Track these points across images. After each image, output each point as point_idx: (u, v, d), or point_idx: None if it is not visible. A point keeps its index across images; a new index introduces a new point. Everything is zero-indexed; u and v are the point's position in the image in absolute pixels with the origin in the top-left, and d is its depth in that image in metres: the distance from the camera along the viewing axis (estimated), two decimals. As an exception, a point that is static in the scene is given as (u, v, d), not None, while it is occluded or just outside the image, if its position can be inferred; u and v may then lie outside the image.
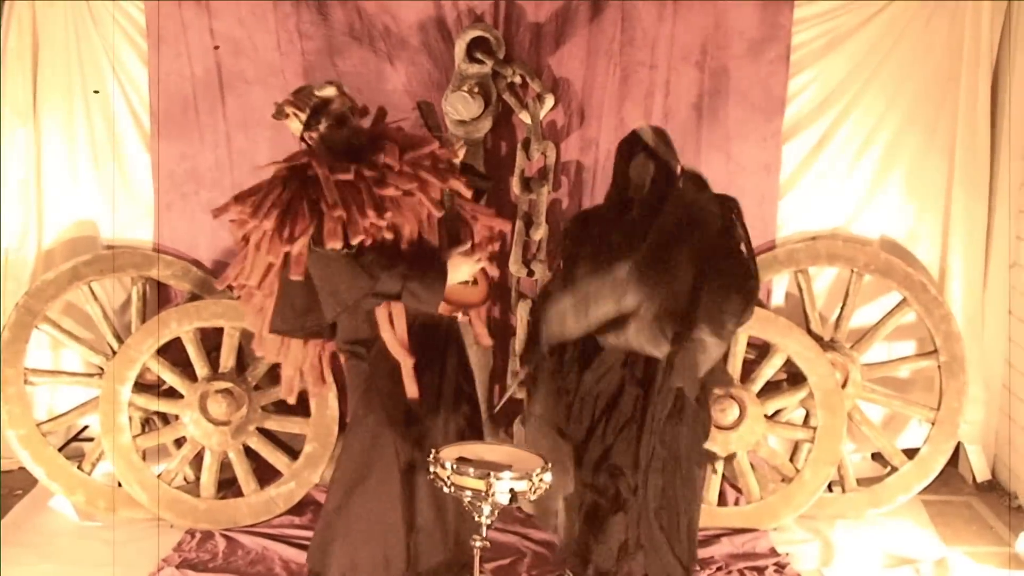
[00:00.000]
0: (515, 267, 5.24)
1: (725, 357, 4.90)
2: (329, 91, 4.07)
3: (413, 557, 4.22)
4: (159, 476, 5.17)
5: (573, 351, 4.24)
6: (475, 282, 4.19)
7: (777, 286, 5.56)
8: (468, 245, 4.18)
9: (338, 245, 3.87)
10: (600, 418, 4.21)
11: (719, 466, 5.13)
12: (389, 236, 4.00)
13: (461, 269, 4.11)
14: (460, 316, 4.25)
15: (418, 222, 4.08)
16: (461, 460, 3.84)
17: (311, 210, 3.94)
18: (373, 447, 4.13)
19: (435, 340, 4.23)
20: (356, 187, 3.97)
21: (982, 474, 5.69)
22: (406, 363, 4.08)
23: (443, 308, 4.09)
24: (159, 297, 5.53)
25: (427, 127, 4.14)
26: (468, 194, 4.23)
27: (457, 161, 4.27)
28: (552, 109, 5.26)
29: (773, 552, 4.97)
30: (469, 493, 3.77)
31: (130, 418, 5.17)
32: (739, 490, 5.34)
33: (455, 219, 4.19)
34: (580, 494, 4.28)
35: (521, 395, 4.93)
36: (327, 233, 3.88)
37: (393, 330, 4.08)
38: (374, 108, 5.21)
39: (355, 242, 3.90)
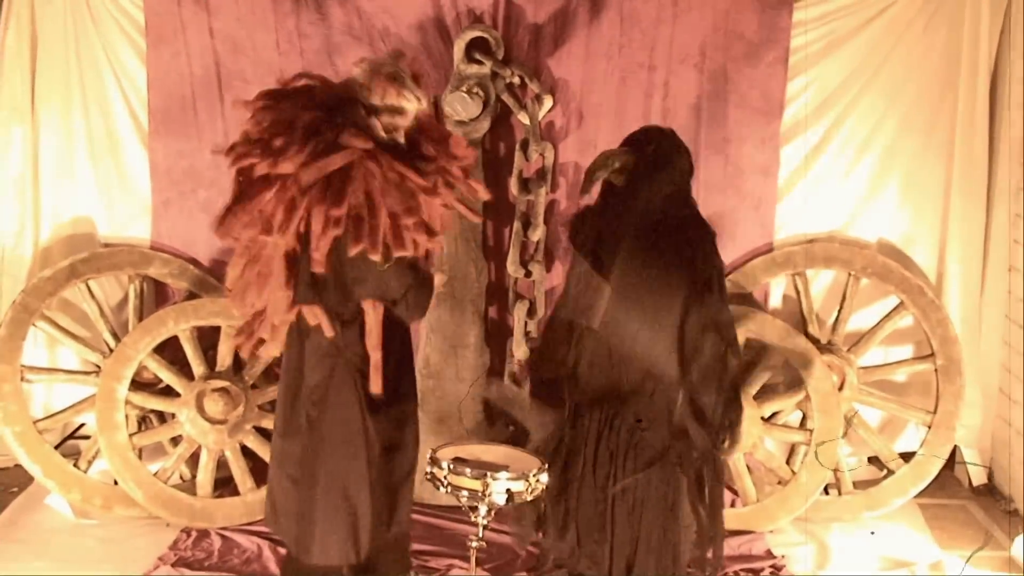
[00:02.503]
0: (512, 268, 5.24)
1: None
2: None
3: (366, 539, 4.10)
4: (155, 474, 5.16)
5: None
6: None
7: (774, 288, 5.57)
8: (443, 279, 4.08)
9: (377, 256, 3.66)
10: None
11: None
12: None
13: (437, 284, 4.02)
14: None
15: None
16: (457, 460, 3.84)
17: (365, 209, 3.64)
18: (344, 428, 3.99)
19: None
20: (411, 192, 3.75)
21: (978, 478, 5.70)
22: (375, 358, 3.92)
23: None
24: (156, 295, 5.53)
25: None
26: (486, 196, 4.16)
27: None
28: (551, 110, 5.26)
29: (769, 554, 4.98)
30: (466, 493, 3.78)
31: (126, 416, 5.16)
32: (736, 492, 5.33)
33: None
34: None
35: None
36: (369, 242, 3.62)
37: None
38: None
39: (397, 254, 3.70)
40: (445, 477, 3.81)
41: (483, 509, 3.79)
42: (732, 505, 5.29)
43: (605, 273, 3.95)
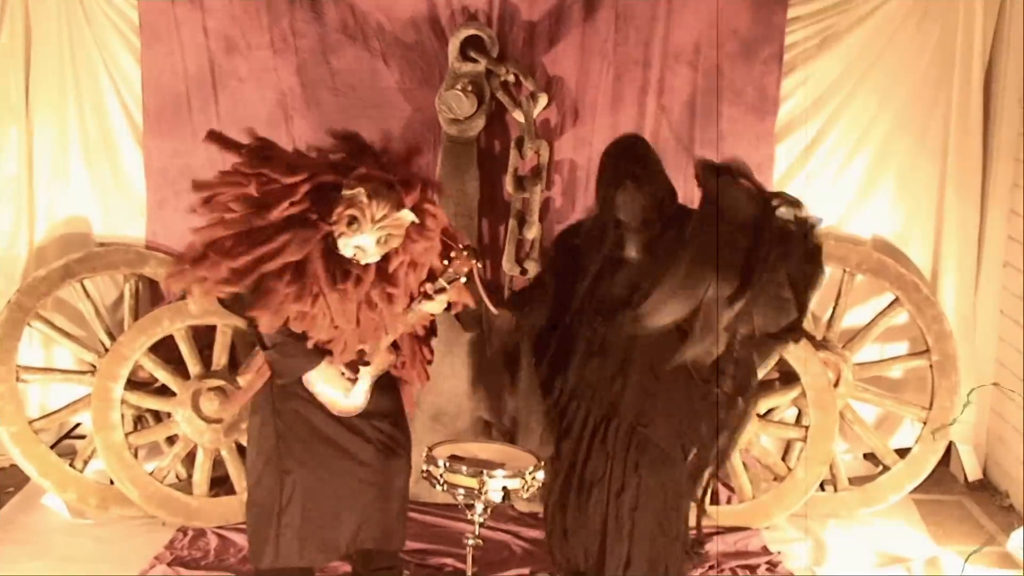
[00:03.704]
0: (508, 266, 5.24)
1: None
2: (408, 217, 3.80)
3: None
4: (151, 474, 5.16)
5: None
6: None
7: (770, 285, 5.56)
8: (352, 375, 4.02)
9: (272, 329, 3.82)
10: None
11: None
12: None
13: (328, 375, 3.98)
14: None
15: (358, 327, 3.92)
16: (453, 458, 3.84)
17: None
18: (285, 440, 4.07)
19: None
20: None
21: (973, 473, 5.70)
22: (248, 391, 4.06)
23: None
24: (151, 294, 5.52)
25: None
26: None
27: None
28: (546, 108, 5.25)
29: (765, 551, 4.98)
30: (462, 491, 3.78)
31: (122, 416, 5.16)
32: (731, 489, 5.34)
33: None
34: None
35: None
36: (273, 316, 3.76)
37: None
38: (368, 107, 5.27)
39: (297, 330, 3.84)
40: (441, 475, 3.81)
41: (479, 507, 3.79)
42: (728, 502, 5.31)
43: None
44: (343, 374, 3.98)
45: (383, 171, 3.83)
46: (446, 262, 3.90)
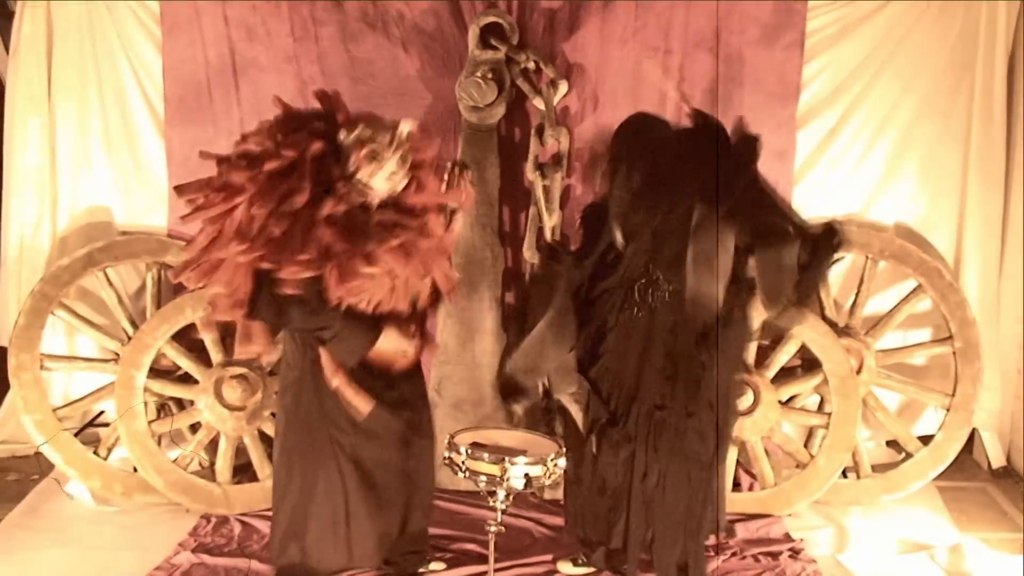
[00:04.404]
0: (529, 253, 5.24)
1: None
2: (409, 126, 3.89)
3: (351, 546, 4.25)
4: (174, 461, 5.19)
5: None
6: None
7: (791, 272, 5.55)
8: (412, 328, 4.08)
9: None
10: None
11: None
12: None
13: (390, 342, 4.02)
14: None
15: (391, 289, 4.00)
16: (475, 445, 3.85)
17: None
18: (311, 436, 4.14)
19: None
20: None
21: (997, 460, 5.68)
22: (332, 386, 4.06)
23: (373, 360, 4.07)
24: (173, 283, 5.54)
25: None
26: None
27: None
28: (566, 95, 5.24)
29: (787, 538, 4.97)
30: (484, 478, 3.79)
31: (145, 403, 5.19)
32: (753, 476, 5.34)
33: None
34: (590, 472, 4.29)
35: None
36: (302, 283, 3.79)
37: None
38: (389, 95, 5.28)
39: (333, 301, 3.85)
40: (463, 462, 3.82)
41: (501, 494, 3.79)
42: (750, 489, 5.30)
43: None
44: (401, 335, 4.04)
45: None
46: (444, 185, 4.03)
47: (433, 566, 4.56)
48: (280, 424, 4.24)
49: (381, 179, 3.84)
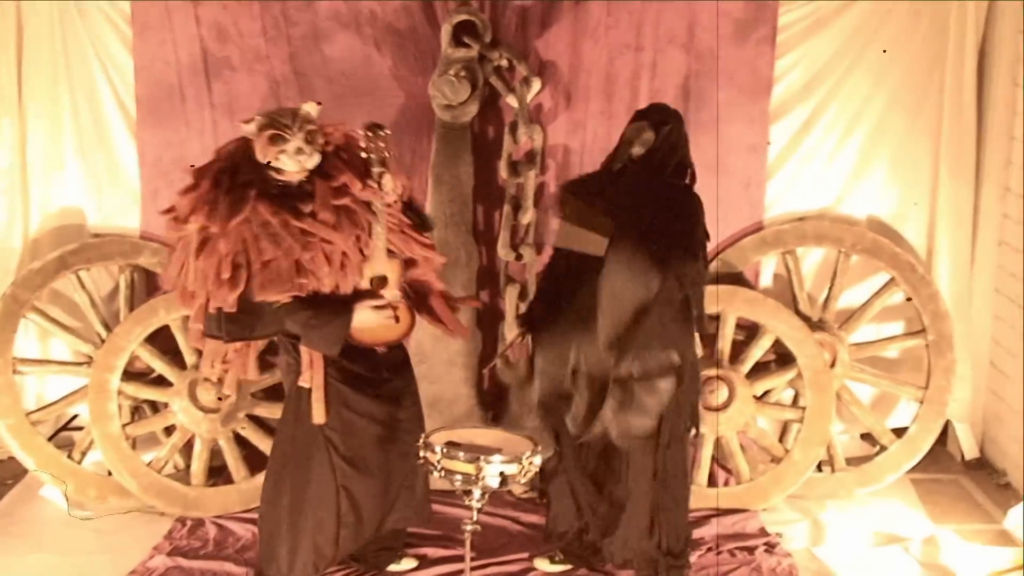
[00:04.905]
0: (503, 251, 5.24)
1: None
2: (311, 108, 4.02)
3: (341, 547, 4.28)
4: (149, 464, 5.17)
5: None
6: (397, 319, 4.11)
7: (765, 267, 5.57)
8: (382, 300, 4.07)
9: (271, 298, 3.90)
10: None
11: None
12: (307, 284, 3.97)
13: (367, 318, 4.02)
14: (380, 349, 4.21)
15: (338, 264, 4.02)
16: (451, 444, 3.84)
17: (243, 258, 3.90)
18: (305, 443, 4.16)
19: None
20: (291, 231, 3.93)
21: (970, 452, 5.71)
22: (316, 389, 4.08)
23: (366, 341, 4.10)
24: (147, 285, 5.51)
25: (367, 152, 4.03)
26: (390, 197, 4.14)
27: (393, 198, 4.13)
28: (539, 92, 5.24)
29: (763, 532, 4.99)
30: (459, 477, 3.79)
31: (119, 406, 5.17)
32: (729, 471, 5.36)
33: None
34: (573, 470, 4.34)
35: (507, 378, 4.96)
36: (259, 287, 3.88)
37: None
38: (362, 94, 5.26)
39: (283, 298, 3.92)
40: (438, 461, 3.82)
41: (477, 493, 3.80)
42: (726, 484, 5.32)
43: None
44: (375, 308, 4.05)
45: None
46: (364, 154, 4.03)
47: (404, 563, 4.58)
48: (279, 431, 4.30)
49: (289, 159, 3.92)
